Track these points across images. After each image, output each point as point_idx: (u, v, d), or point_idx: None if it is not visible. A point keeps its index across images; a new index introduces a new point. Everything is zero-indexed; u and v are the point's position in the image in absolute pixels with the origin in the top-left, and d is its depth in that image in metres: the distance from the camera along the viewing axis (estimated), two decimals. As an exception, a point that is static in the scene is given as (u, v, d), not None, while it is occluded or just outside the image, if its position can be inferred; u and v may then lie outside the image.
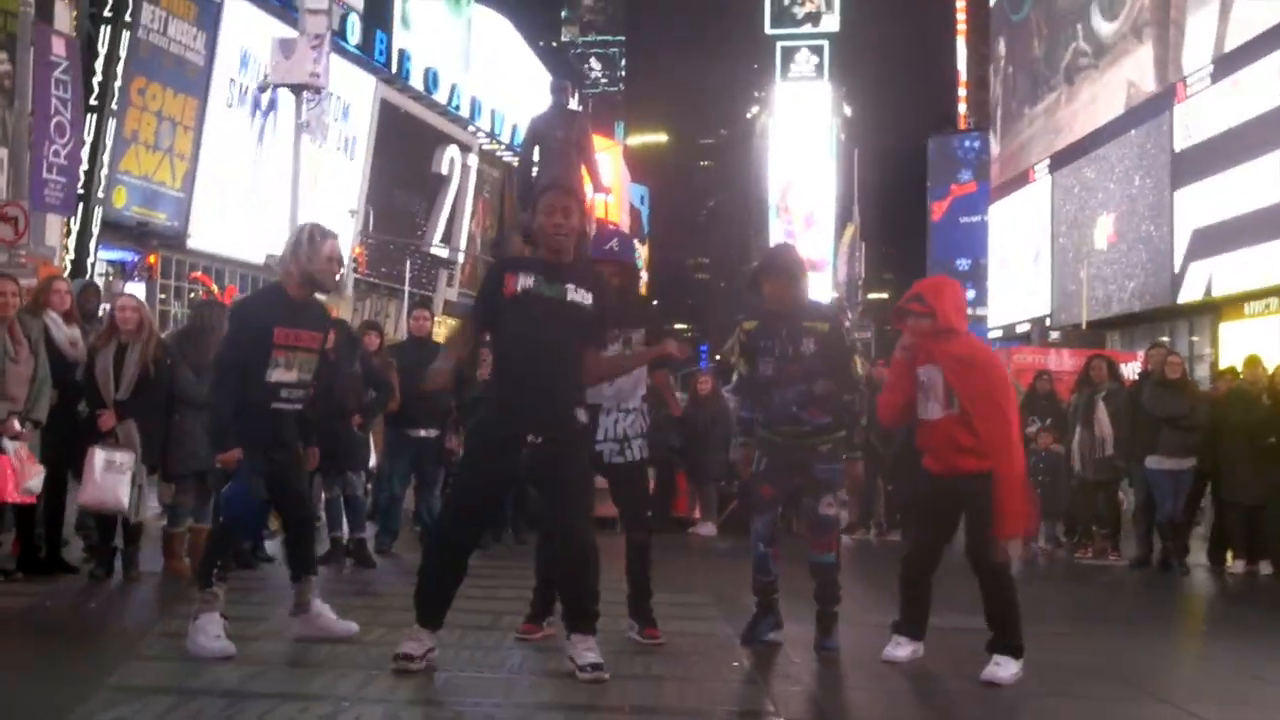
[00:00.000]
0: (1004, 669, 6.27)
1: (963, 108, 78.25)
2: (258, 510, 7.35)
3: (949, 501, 6.67)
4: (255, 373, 6.58)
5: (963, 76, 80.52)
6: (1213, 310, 31.84)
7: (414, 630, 6.06)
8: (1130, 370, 16.19)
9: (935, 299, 6.66)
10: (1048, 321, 41.48)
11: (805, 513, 7.37)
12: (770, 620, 7.21)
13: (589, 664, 5.79)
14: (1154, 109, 34.47)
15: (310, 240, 6.74)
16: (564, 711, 5.19)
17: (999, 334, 46.80)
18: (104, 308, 10.60)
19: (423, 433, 11.23)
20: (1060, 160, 41.95)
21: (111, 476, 8.69)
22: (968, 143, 67.57)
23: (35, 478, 8.51)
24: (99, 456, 8.67)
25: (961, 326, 6.74)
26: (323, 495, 10.37)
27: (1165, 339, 28.57)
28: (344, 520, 10.44)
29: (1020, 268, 45.47)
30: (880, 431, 13.79)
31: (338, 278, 7.02)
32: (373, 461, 11.63)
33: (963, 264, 63.52)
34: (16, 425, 8.46)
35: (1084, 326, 36.07)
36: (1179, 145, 32.83)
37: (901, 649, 6.73)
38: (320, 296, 7.13)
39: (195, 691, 5.49)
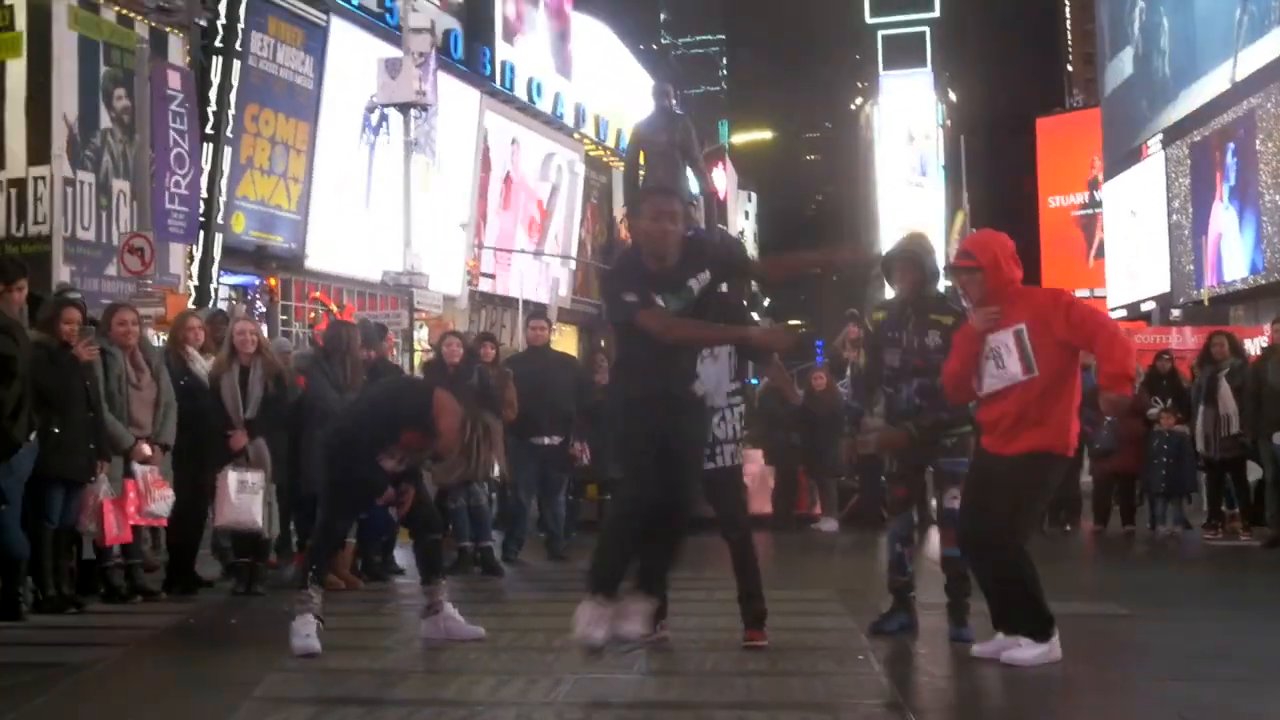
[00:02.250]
0: (1025, 651, 6.21)
1: (1070, 86, 77.05)
2: (385, 522, 7.64)
3: (995, 477, 6.41)
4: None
5: (1069, 55, 79.32)
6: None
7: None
8: (1255, 345, 15.92)
9: (982, 252, 6.51)
10: (1176, 300, 40.64)
11: (935, 508, 7.39)
12: (903, 616, 7.28)
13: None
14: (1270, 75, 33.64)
15: None
16: (693, 710, 5.28)
17: (1123, 314, 45.99)
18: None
19: (546, 440, 11.38)
20: (1173, 134, 41.15)
21: (245, 496, 8.96)
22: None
23: (162, 501, 8.79)
24: (232, 478, 8.93)
25: (1016, 275, 6.51)
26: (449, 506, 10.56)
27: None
28: (469, 530, 10.62)
29: (1136, 246, 44.66)
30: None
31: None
32: (495, 471, 11.81)
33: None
34: (146, 449, 8.77)
35: (1206, 304, 35.36)
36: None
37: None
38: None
39: (334, 700, 5.67)
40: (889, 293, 7.57)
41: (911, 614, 7.31)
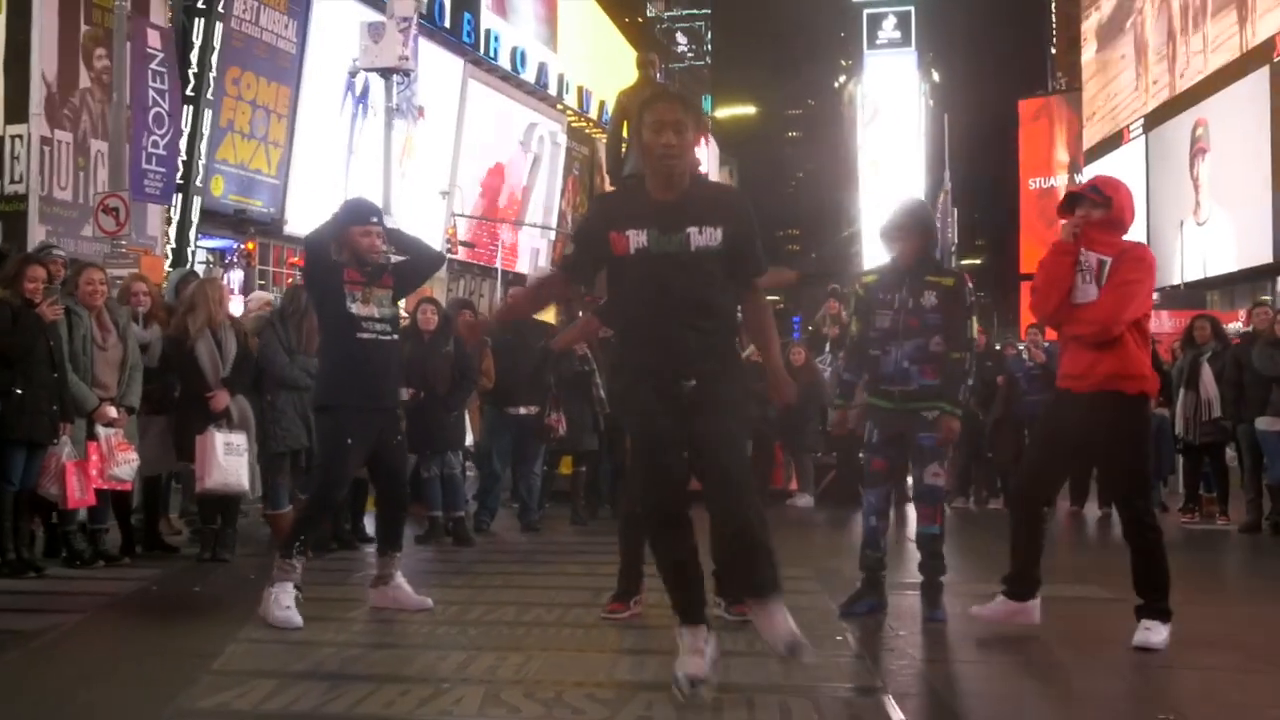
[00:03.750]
0: (1155, 634, 6.13)
1: (1053, 69, 77.01)
2: (354, 490, 7.57)
3: (1081, 423, 6.31)
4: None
5: (1053, 38, 79.24)
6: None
7: (684, 636, 5.08)
8: (1231, 329, 15.84)
9: (1113, 191, 6.51)
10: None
11: (914, 483, 7.32)
12: (872, 598, 7.16)
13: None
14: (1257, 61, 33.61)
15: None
16: (667, 691, 5.13)
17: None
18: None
19: (522, 410, 11.28)
20: (1155, 120, 41.14)
21: (232, 459, 8.81)
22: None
23: (126, 465, 8.62)
24: (218, 439, 8.76)
25: (1128, 223, 6.56)
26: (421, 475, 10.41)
27: (1267, 298, 27.91)
28: (441, 500, 10.49)
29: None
30: (980, 398, 13.64)
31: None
32: (469, 440, 11.66)
33: (1059, 228, 62.53)
34: (110, 411, 8.60)
35: (1181, 287, 35.45)
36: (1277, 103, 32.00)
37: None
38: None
39: (297, 675, 5.52)
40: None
41: (881, 595, 7.19)
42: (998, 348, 15.48)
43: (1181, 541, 12.13)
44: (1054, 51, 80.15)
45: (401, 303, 8.08)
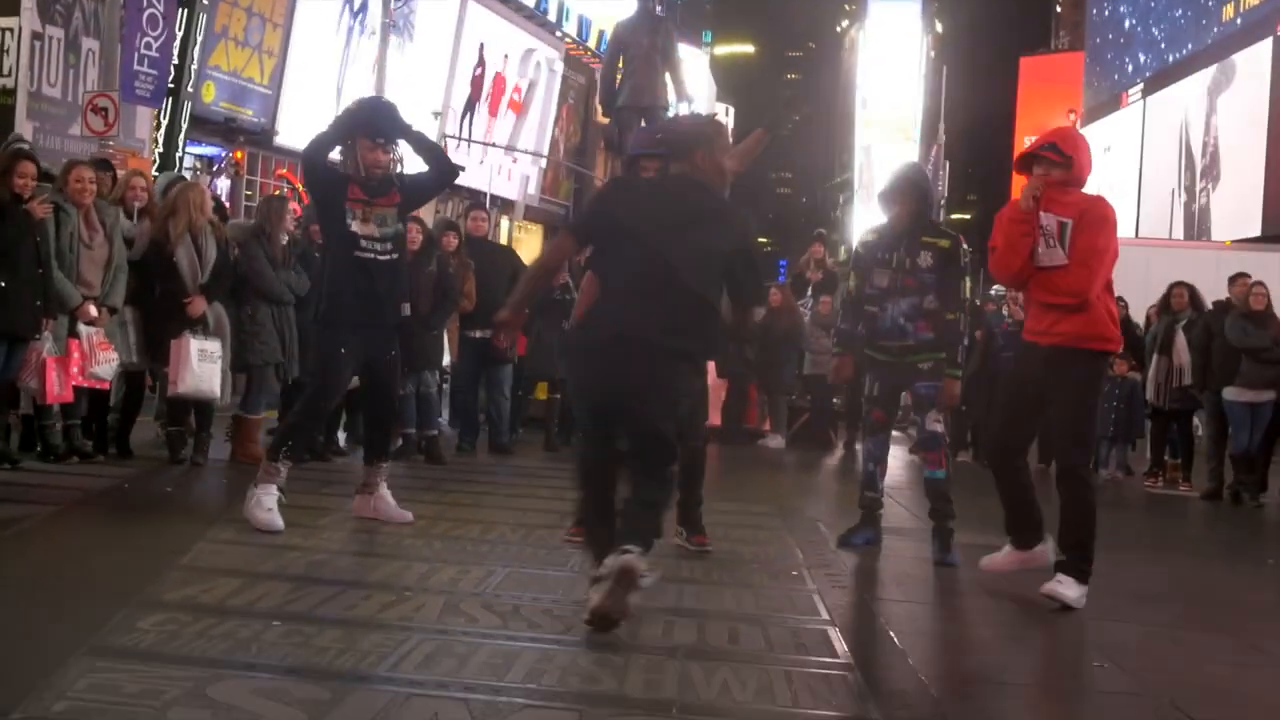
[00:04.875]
0: (1066, 587, 6.14)
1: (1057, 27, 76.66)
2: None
3: (1042, 374, 6.31)
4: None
5: (1060, -5, 78.84)
6: None
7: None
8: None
9: (1073, 149, 6.39)
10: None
11: (916, 431, 7.60)
12: (869, 532, 7.53)
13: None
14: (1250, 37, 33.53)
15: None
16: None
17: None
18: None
19: (480, 334, 11.32)
20: (1154, 85, 41.08)
21: (206, 365, 8.87)
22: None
23: (106, 364, 8.67)
24: (193, 345, 8.81)
25: (1086, 178, 6.46)
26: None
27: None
28: (414, 417, 10.58)
29: (1108, 187, 44.74)
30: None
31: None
32: (446, 360, 11.74)
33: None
34: (92, 310, 8.64)
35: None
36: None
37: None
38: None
39: (262, 575, 5.64)
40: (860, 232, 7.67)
41: (877, 529, 7.58)
42: (978, 303, 15.59)
43: (1143, 504, 12.36)
44: (1059, 10, 79.75)
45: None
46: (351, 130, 7.04)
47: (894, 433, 12.05)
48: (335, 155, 7.14)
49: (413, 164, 7.53)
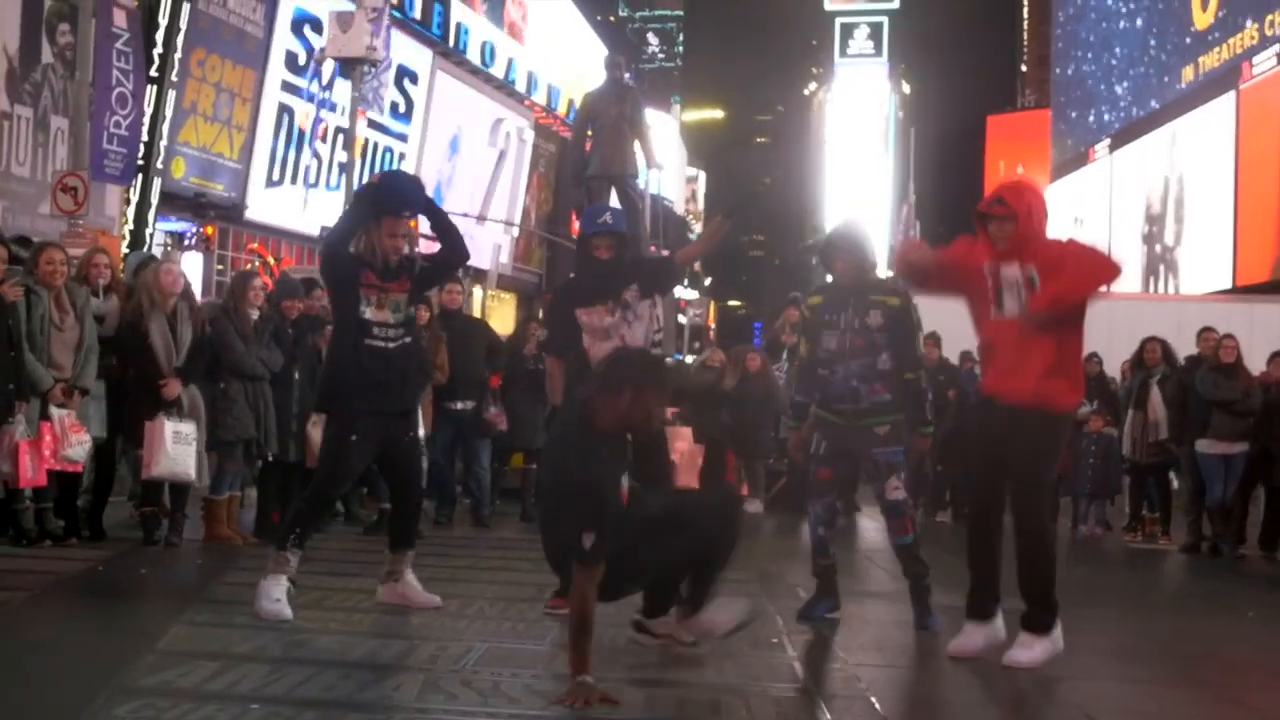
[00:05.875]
0: (1028, 651, 6.07)
1: (1023, 87, 77.57)
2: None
3: (1000, 433, 6.23)
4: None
5: (1024, 54, 79.83)
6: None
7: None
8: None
9: (1016, 199, 6.25)
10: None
11: (877, 499, 7.37)
12: (829, 602, 7.33)
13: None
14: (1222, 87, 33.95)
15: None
16: (603, 685, 5.22)
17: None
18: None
19: (459, 405, 11.29)
20: (1120, 140, 41.54)
21: (180, 447, 8.82)
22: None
23: (78, 446, 8.62)
24: (168, 428, 8.77)
25: (1044, 231, 6.29)
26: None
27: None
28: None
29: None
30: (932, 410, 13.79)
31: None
32: (421, 433, 11.70)
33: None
34: (60, 394, 8.59)
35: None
36: (1244, 130, 32.36)
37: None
38: None
39: (240, 658, 5.58)
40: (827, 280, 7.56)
41: (834, 596, 7.35)
42: (954, 362, 15.61)
43: (1123, 559, 12.38)
44: (1024, 69, 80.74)
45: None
46: (374, 209, 6.88)
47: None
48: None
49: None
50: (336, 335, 7.10)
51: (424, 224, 7.34)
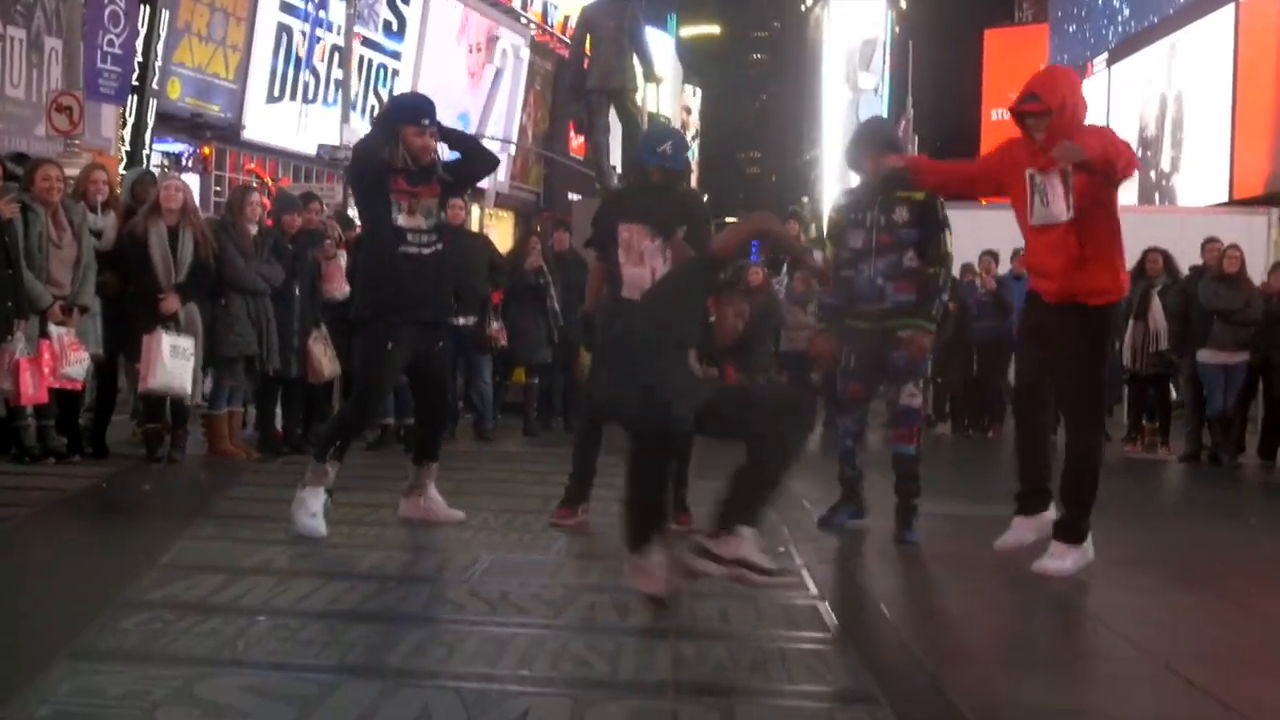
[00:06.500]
0: (1059, 561, 6.12)
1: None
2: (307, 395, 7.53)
3: (1051, 331, 6.22)
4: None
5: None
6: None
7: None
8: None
9: (1050, 93, 6.12)
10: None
11: (888, 406, 7.36)
12: (851, 508, 7.36)
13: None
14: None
15: None
16: (610, 593, 5.24)
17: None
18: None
19: (460, 321, 11.24)
20: (1118, 54, 41.15)
21: (178, 362, 8.77)
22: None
23: (78, 364, 8.57)
24: (165, 342, 8.72)
25: (1082, 120, 6.17)
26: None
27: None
28: (394, 406, 10.52)
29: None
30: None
31: None
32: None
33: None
34: (59, 311, 8.54)
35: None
36: (1242, 43, 32.04)
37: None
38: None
39: (246, 570, 5.57)
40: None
41: (861, 505, 7.39)
42: (955, 275, 15.54)
43: (1123, 469, 12.36)
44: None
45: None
46: (396, 121, 6.79)
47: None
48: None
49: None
50: (370, 246, 7.00)
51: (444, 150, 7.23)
